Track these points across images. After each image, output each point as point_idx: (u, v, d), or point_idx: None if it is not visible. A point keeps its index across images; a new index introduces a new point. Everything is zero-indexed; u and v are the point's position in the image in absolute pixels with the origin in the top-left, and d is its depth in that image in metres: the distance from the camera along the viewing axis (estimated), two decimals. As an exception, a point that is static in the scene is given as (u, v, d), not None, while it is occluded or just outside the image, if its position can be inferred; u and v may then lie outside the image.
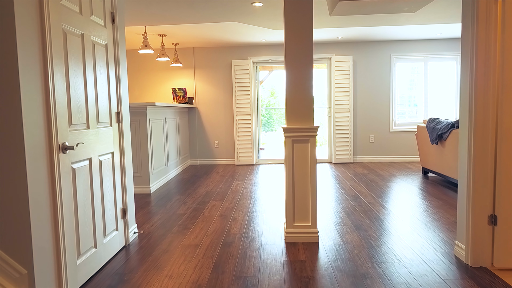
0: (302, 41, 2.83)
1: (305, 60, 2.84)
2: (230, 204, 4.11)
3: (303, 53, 2.84)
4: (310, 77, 2.86)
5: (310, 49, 2.83)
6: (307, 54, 2.84)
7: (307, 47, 2.83)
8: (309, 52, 2.84)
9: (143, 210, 3.95)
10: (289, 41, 2.83)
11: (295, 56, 2.84)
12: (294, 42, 2.83)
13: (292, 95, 2.87)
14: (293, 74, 2.85)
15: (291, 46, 2.83)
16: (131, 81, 7.14)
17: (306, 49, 2.83)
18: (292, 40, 2.83)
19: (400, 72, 6.88)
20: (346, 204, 4.02)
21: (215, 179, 5.64)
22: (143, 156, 4.71)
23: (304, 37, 2.82)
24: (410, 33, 6.16)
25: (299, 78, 2.85)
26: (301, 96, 2.86)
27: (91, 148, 2.37)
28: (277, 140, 11.11)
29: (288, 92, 2.87)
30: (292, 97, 2.87)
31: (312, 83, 2.86)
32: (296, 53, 2.84)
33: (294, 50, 2.83)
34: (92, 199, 2.38)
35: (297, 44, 2.83)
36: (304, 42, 2.83)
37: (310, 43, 2.83)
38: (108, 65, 2.67)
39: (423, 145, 5.35)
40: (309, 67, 2.85)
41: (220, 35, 5.96)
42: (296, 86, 2.86)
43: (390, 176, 5.56)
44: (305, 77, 2.85)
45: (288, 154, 2.87)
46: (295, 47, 2.83)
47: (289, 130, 2.85)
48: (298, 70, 2.85)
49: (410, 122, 6.93)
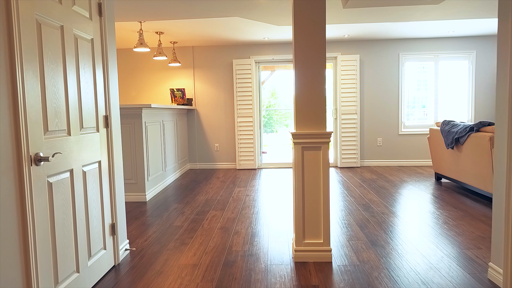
0: (313, 36, 2.51)
1: (317, 58, 2.53)
2: (231, 215, 3.80)
3: (315, 50, 2.52)
4: (323, 77, 2.55)
5: (323, 46, 2.52)
6: (319, 51, 2.53)
7: (319, 43, 2.52)
8: (321, 48, 2.53)
9: (137, 221, 3.63)
10: (298, 37, 2.52)
11: (305, 53, 2.53)
12: (304, 38, 2.51)
13: (302, 97, 2.55)
14: (303, 74, 2.54)
15: (301, 42, 2.52)
16: (127, 82, 6.82)
17: (318, 45, 2.52)
18: (302, 35, 2.51)
19: (409, 72, 6.56)
20: (358, 214, 3.70)
21: (215, 185, 5.33)
22: (138, 161, 4.40)
23: (316, 32, 2.51)
24: (420, 31, 5.85)
25: (310, 78, 2.54)
26: (312, 98, 2.55)
27: (73, 158, 2.06)
28: (279, 142, 10.80)
29: (297, 93, 2.56)
30: (302, 99, 2.55)
31: (324, 83, 2.55)
32: (307, 50, 2.52)
33: (304, 47, 2.52)
34: (74, 216, 2.06)
35: (307, 40, 2.51)
36: (316, 38, 2.51)
37: (322, 39, 2.52)
38: (95, 63, 2.36)
39: (437, 149, 5.03)
40: (321, 66, 2.54)
41: (220, 33, 5.65)
42: (306, 87, 2.55)
43: (401, 182, 5.25)
44: (316, 77, 2.54)
45: (298, 163, 2.56)
46: (305, 43, 2.52)
47: (298, 136, 2.54)
48: (309, 69, 2.53)
49: (420, 124, 6.62)
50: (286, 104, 10.72)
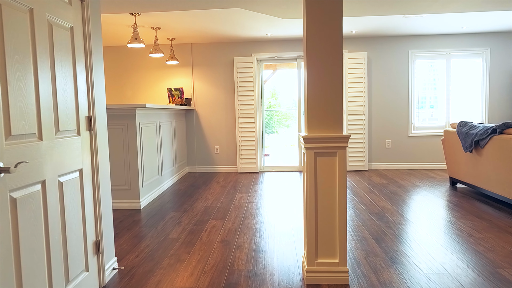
0: (329, 27, 2.18)
1: (333, 52, 2.20)
2: (233, 225, 3.46)
3: (330, 43, 2.19)
4: (339, 73, 2.22)
5: (339, 38, 2.19)
6: (335, 43, 2.20)
7: (335, 35, 2.19)
8: (337, 41, 2.20)
9: (129, 233, 3.30)
10: (311, 29, 2.19)
11: (319, 47, 2.20)
12: (318, 30, 2.18)
13: (315, 96, 2.22)
14: (317, 70, 2.21)
15: (314, 35, 2.19)
16: (122, 81, 6.49)
17: (334, 37, 2.19)
18: (315, 27, 2.18)
19: (420, 70, 6.23)
20: (371, 224, 3.37)
21: (215, 190, 4.99)
22: (132, 166, 4.06)
23: (332, 23, 2.18)
24: (432, 27, 5.52)
25: (325, 75, 2.21)
26: (327, 97, 2.22)
27: (46, 167, 1.73)
28: (280, 143, 10.48)
29: (309, 92, 2.23)
30: (315, 98, 2.22)
31: (341, 80, 2.22)
32: (321, 43, 2.19)
33: (318, 39, 2.19)
34: (47, 236, 1.73)
35: (322, 32, 2.18)
36: (332, 29, 2.18)
37: (338, 29, 2.19)
38: (75, 55, 2.03)
39: (452, 152, 4.70)
40: (337, 60, 2.21)
41: (221, 29, 5.32)
42: (320, 84, 2.22)
43: (413, 187, 4.91)
44: (332, 73, 2.21)
45: (310, 170, 2.23)
46: (319, 36, 2.19)
47: (311, 140, 2.21)
48: (323, 64, 2.20)
49: (430, 125, 6.28)
50: (286, 104, 10.41)
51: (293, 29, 5.47)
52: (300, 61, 6.29)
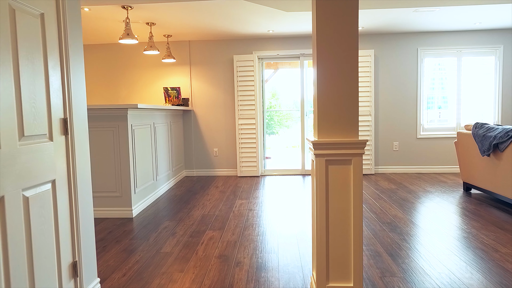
0: (342, 20, 1.89)
1: (348, 47, 1.90)
2: (232, 237, 3.16)
3: (345, 37, 1.90)
4: (355, 71, 1.92)
5: (355, 31, 1.90)
6: (350, 37, 1.90)
7: (350, 28, 1.89)
8: (353, 34, 1.90)
9: (118, 246, 3.00)
10: (322, 23, 1.89)
11: (331, 42, 1.90)
12: (330, 24, 1.89)
13: (327, 96, 1.92)
14: (328, 68, 1.91)
15: (325, 29, 1.89)
16: (116, 80, 6.20)
17: (349, 31, 1.89)
18: (326, 20, 1.88)
19: (428, 69, 5.93)
20: (384, 236, 3.07)
21: (213, 196, 4.70)
22: (124, 171, 3.77)
23: (347, 14, 1.88)
24: (442, 23, 5.22)
25: (338, 73, 1.91)
26: (341, 98, 1.92)
27: (5, 180, 1.43)
28: (281, 144, 10.19)
29: (320, 92, 1.93)
30: (327, 99, 1.92)
31: (357, 78, 1.92)
32: (334, 38, 1.90)
33: (330, 34, 1.89)
34: (6, 263, 1.44)
35: (334, 25, 1.89)
36: (346, 22, 1.89)
37: (354, 22, 1.89)
38: (47, 48, 1.73)
39: (466, 156, 4.40)
40: (353, 56, 1.91)
41: (220, 25, 5.02)
42: (333, 84, 1.92)
43: (425, 192, 4.61)
44: (347, 71, 1.91)
45: (321, 181, 1.93)
46: (331, 30, 1.89)
47: (321, 145, 1.91)
48: (336, 61, 1.91)
49: (440, 127, 5.98)
50: (287, 105, 10.13)
51: (296, 25, 5.17)
52: (304, 59, 6.00)
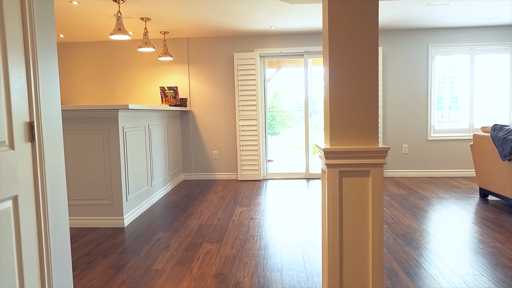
0: (359, 12, 1.59)
1: (366, 42, 1.61)
2: (231, 251, 2.87)
3: (363, 31, 1.60)
4: (374, 67, 1.62)
5: (375, 21, 1.60)
6: (369, 31, 1.60)
7: (369, 21, 1.60)
8: (373, 28, 1.60)
9: (104, 262, 2.71)
10: (335, 16, 1.60)
11: (347, 35, 1.60)
12: (345, 14, 1.59)
13: (341, 97, 1.63)
14: (343, 65, 1.62)
15: (340, 21, 1.60)
16: (111, 79, 5.91)
17: (369, 20, 1.60)
18: (341, 12, 1.59)
19: (438, 68, 5.63)
20: (400, 251, 2.77)
21: (212, 202, 4.41)
22: (114, 177, 3.48)
23: (364, 5, 1.59)
24: (455, 19, 4.92)
25: (354, 72, 1.62)
26: (359, 100, 1.63)
27: None
28: (284, 145, 9.90)
29: (333, 94, 1.63)
30: (341, 100, 1.63)
31: (377, 77, 1.63)
32: (349, 30, 1.60)
33: (345, 26, 1.60)
34: None
35: (350, 16, 1.59)
36: (364, 14, 1.59)
37: (374, 13, 1.59)
38: (6, 38, 1.45)
39: (484, 160, 4.10)
40: (372, 51, 1.62)
41: (219, 20, 4.73)
42: (348, 83, 1.62)
43: (438, 199, 4.31)
44: (366, 68, 1.62)
45: (333, 196, 1.63)
46: (347, 21, 1.59)
47: (335, 154, 1.61)
48: (352, 59, 1.61)
49: (452, 128, 5.67)
50: (289, 105, 9.86)
51: (300, 21, 4.88)
52: (308, 57, 5.70)
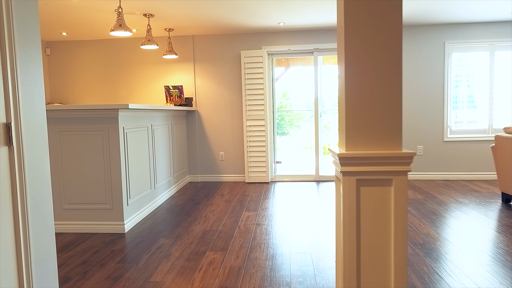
0: (380, 3, 1.39)
1: (388, 37, 1.40)
2: (236, 261, 2.68)
3: (384, 24, 1.39)
4: (398, 64, 1.42)
5: (398, 16, 1.39)
6: (392, 24, 1.40)
7: (392, 12, 1.39)
8: (396, 20, 1.40)
9: (101, 272, 2.54)
10: (352, 7, 1.40)
11: (365, 30, 1.40)
12: (363, 9, 1.39)
13: (359, 97, 1.43)
14: (361, 62, 1.41)
15: (357, 14, 1.39)
16: (115, 78, 5.77)
17: (390, 17, 1.39)
18: (359, 5, 1.39)
19: (456, 65, 5.36)
20: (419, 263, 2.55)
21: (218, 206, 4.22)
22: (114, 180, 3.31)
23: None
24: (473, 13, 4.66)
25: (374, 70, 1.41)
26: (380, 99, 1.42)
27: None
28: (293, 145, 9.69)
29: (349, 94, 1.43)
30: (359, 100, 1.43)
31: (401, 75, 1.42)
32: (368, 25, 1.40)
33: (364, 20, 1.39)
34: None
35: (369, 8, 1.39)
36: (387, 6, 1.39)
37: (397, 5, 1.39)
38: (-23, 28, 1.27)
39: (506, 163, 3.84)
40: (395, 46, 1.41)
41: (226, 17, 4.55)
42: (367, 81, 1.42)
43: (457, 204, 4.06)
44: (388, 65, 1.41)
45: (349, 208, 1.43)
46: (366, 13, 1.39)
47: (351, 160, 1.41)
48: (371, 53, 1.41)
49: (469, 129, 5.40)
50: (298, 105, 9.66)
51: (310, 16, 4.66)
52: (318, 54, 5.48)
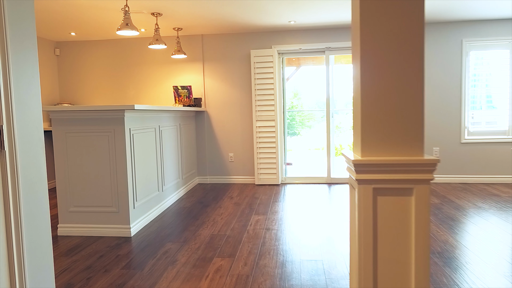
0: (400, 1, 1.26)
1: (409, 32, 1.28)
2: (244, 268, 2.57)
3: (405, 18, 1.27)
4: (419, 64, 1.29)
5: (420, 10, 1.27)
6: (414, 19, 1.27)
7: (415, 5, 1.26)
8: (418, 15, 1.27)
9: (104, 278, 2.46)
10: (368, 4, 1.27)
11: (383, 28, 1.28)
12: (381, 5, 1.27)
13: (376, 99, 1.30)
14: (379, 63, 1.29)
15: (374, 13, 1.27)
16: (124, 79, 5.72)
17: (412, 10, 1.26)
18: (375, 1, 1.27)
19: (473, 64, 5.16)
20: (439, 274, 2.40)
21: (226, 209, 4.12)
22: (120, 182, 3.24)
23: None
24: (492, 10, 4.46)
25: (393, 71, 1.29)
26: (399, 101, 1.30)
27: None
28: (303, 146, 9.55)
29: (365, 94, 1.31)
30: (376, 103, 1.30)
31: (423, 76, 1.29)
32: (387, 21, 1.27)
33: (381, 16, 1.27)
34: None
35: (387, 8, 1.27)
36: (407, 3, 1.26)
37: (419, 2, 1.26)
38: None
39: (529, 167, 3.65)
40: (417, 44, 1.28)
41: (235, 15, 4.44)
42: (385, 83, 1.30)
43: (476, 209, 3.88)
44: (408, 65, 1.29)
45: (365, 219, 1.31)
46: (383, 13, 1.27)
47: (367, 167, 1.29)
48: (390, 53, 1.29)
49: (488, 130, 5.19)
50: (309, 105, 9.52)
51: (322, 14, 4.53)
52: (329, 53, 5.34)
